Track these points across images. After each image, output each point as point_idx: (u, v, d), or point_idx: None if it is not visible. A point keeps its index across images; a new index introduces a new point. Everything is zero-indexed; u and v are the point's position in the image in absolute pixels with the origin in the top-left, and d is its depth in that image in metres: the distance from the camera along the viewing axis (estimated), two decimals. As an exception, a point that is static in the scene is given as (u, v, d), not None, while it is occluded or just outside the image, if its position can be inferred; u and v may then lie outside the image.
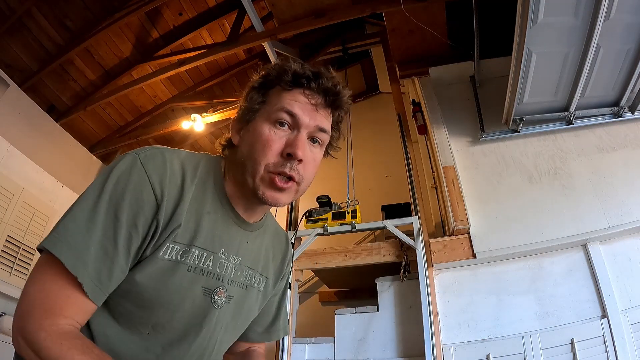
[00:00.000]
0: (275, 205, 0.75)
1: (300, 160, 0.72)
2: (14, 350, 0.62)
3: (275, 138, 0.72)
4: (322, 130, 0.75)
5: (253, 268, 0.83)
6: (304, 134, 0.73)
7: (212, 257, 0.72)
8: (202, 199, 0.72)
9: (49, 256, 0.60)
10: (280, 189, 0.72)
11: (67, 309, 0.60)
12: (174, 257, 0.67)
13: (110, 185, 0.63)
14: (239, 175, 0.75)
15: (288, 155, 0.71)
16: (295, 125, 0.73)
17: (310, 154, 0.75)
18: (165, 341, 0.69)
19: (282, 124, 0.73)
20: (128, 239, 0.63)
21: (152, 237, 0.65)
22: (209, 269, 0.71)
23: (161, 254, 0.66)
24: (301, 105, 0.73)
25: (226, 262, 0.75)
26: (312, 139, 0.76)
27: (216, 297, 0.73)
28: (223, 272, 0.74)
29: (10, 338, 0.60)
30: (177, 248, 0.67)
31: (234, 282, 0.78)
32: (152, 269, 0.65)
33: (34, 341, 0.57)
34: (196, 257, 0.69)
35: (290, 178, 0.71)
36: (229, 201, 0.76)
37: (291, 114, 0.72)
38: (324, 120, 0.76)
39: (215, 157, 0.81)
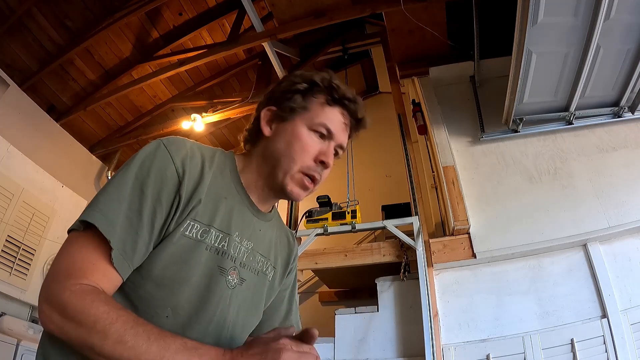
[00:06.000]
0: (295, 200, 0.90)
1: (327, 168, 0.83)
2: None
3: (313, 144, 0.81)
4: (342, 147, 0.87)
5: (265, 256, 0.87)
6: (332, 146, 0.84)
7: (227, 238, 0.77)
8: (220, 185, 0.78)
9: (76, 232, 0.65)
10: (306, 188, 0.82)
11: (92, 274, 0.62)
12: (194, 236, 0.72)
13: (137, 166, 0.70)
14: (266, 167, 0.82)
15: (321, 162, 0.81)
16: (329, 137, 0.83)
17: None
18: (185, 322, 0.71)
19: (319, 135, 0.83)
20: (152, 213, 0.68)
21: (175, 212, 0.70)
22: (224, 249, 0.76)
23: (182, 230, 0.70)
24: (337, 124, 0.84)
25: (239, 245, 0.79)
26: (334, 152, 0.86)
27: (229, 277, 0.77)
28: (236, 254, 0.78)
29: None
30: (197, 227, 0.72)
31: (246, 265, 0.81)
32: (175, 247, 0.70)
33: (58, 301, 0.59)
34: (213, 237, 0.74)
35: (314, 181, 0.82)
36: (244, 190, 0.83)
37: (329, 130, 0.83)
38: (346, 139, 0.88)
39: (229, 152, 0.87)
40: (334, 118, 0.83)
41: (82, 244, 0.64)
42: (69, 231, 0.67)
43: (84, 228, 0.65)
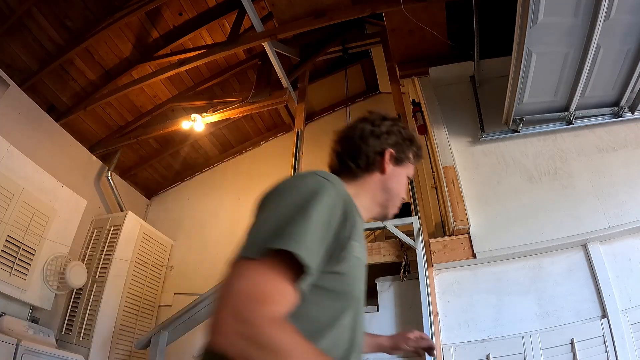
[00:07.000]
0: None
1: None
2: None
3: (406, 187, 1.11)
4: None
5: None
6: None
7: (364, 250, 0.93)
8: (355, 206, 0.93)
9: (257, 260, 0.68)
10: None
11: (280, 300, 0.67)
12: (357, 254, 0.84)
13: (319, 199, 0.77)
14: (381, 197, 1.05)
15: (403, 199, 1.10)
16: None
17: None
18: (357, 325, 0.87)
19: (408, 180, 1.12)
20: (330, 246, 0.77)
21: (345, 242, 0.80)
22: (364, 259, 0.92)
23: (353, 251, 0.82)
24: None
25: (364, 252, 0.95)
26: None
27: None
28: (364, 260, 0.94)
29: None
30: (357, 246, 0.85)
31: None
32: (351, 267, 0.82)
33: (250, 326, 0.62)
34: (362, 251, 0.90)
35: None
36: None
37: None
38: None
39: None
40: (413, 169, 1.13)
41: (266, 269, 0.68)
42: (245, 257, 0.69)
43: (263, 255, 0.68)
